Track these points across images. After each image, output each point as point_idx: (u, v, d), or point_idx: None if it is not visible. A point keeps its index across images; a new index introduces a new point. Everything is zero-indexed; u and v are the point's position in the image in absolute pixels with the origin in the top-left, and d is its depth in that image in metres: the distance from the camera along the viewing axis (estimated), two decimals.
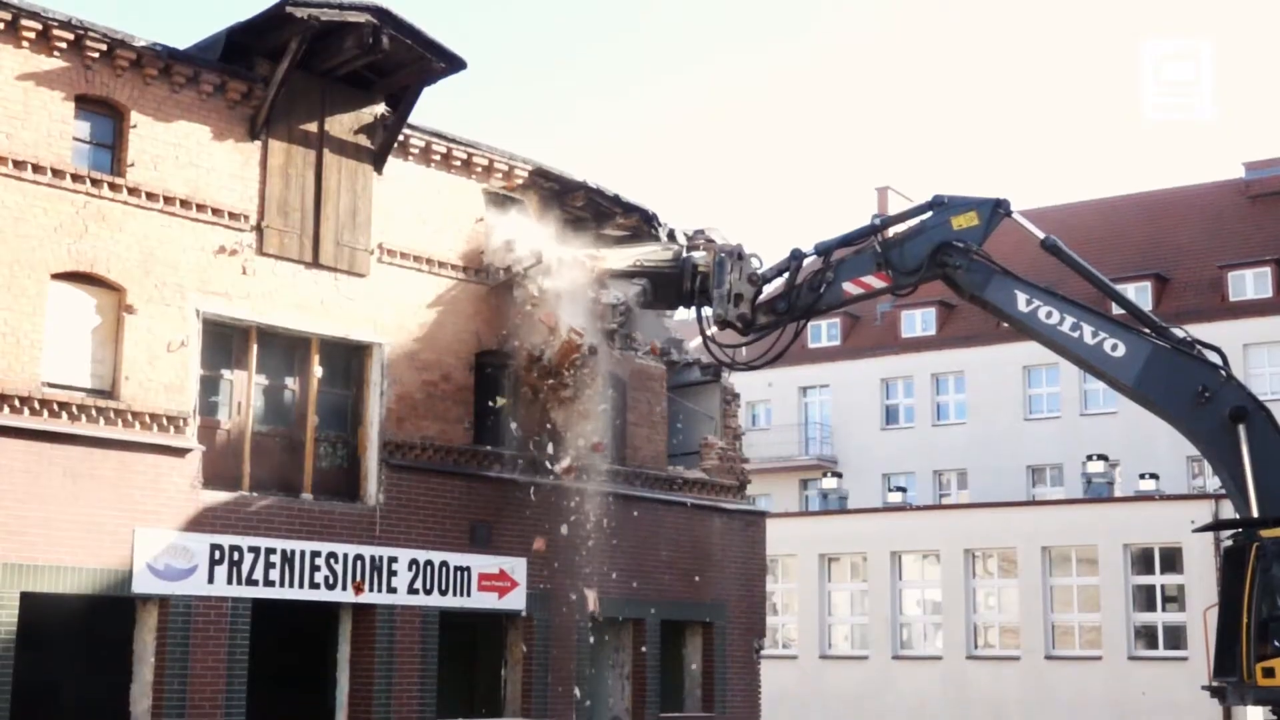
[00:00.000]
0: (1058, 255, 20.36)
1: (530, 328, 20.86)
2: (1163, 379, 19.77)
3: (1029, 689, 35.49)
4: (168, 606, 17.39)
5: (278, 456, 19.25)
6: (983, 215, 20.19)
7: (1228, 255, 47.01)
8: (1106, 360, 19.93)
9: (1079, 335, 19.94)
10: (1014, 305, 20.13)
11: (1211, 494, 35.62)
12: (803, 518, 42.57)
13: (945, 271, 20.11)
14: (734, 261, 20.16)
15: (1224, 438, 19.64)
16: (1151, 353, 19.75)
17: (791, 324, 20.63)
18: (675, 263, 20.78)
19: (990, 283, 20.19)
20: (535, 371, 20.92)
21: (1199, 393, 19.57)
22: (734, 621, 24.35)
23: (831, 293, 20.39)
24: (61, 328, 17.03)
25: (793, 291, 20.44)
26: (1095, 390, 47.17)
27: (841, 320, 52.54)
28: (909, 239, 20.29)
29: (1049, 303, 20.05)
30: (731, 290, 20.07)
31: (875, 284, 20.48)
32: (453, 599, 20.22)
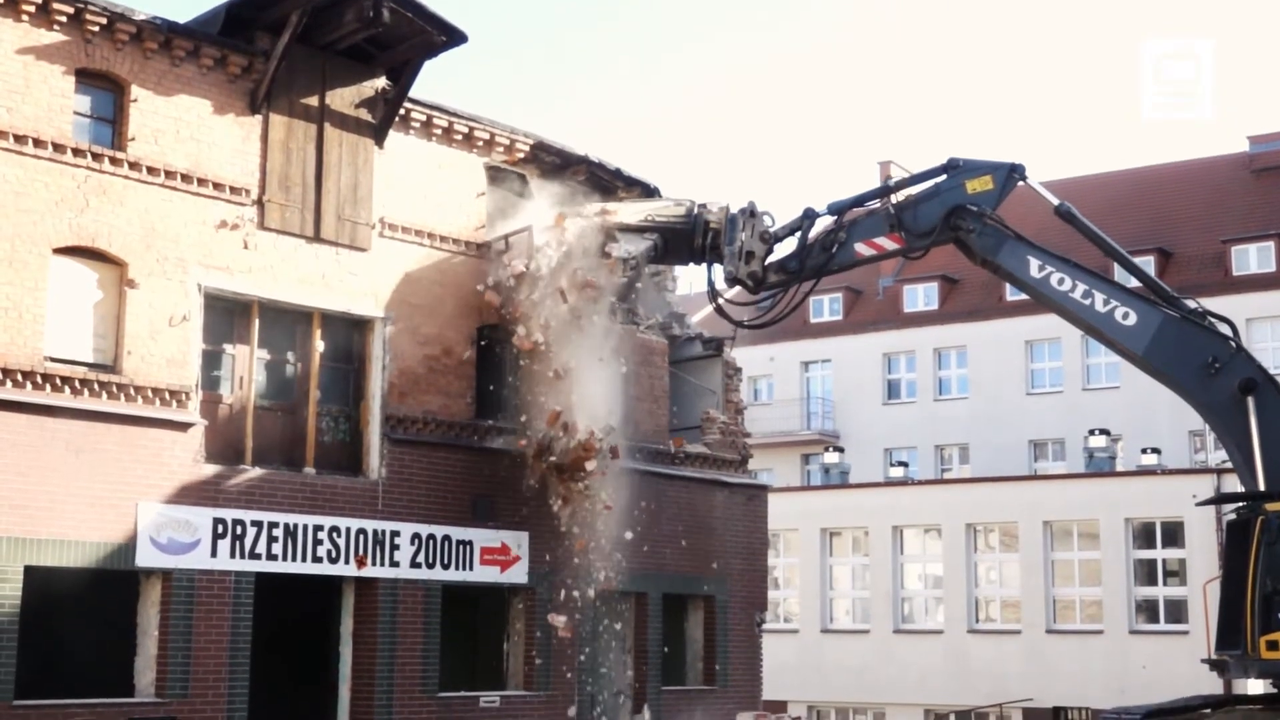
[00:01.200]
0: (1071, 222, 20.32)
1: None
2: (1173, 349, 19.74)
3: (1030, 663, 35.55)
4: (171, 580, 17.44)
5: (280, 431, 19.28)
6: (997, 180, 20.15)
7: (1231, 229, 46.92)
8: (1117, 328, 19.90)
9: (1090, 303, 19.92)
10: (1026, 271, 20.10)
11: (1213, 468, 35.64)
12: (804, 492, 42.57)
13: (958, 235, 20.08)
14: (746, 219, 20.12)
15: (1232, 409, 19.62)
16: (1162, 322, 19.72)
17: (801, 283, 20.54)
18: (687, 218, 20.68)
19: (1003, 247, 20.16)
20: (545, 463, 20.56)
21: (1208, 363, 19.55)
22: (735, 595, 24.40)
23: (843, 253, 20.36)
24: (63, 302, 17.04)
25: (804, 251, 20.39)
26: (1097, 365, 47.18)
27: (843, 295, 52.52)
28: (922, 201, 20.23)
29: (1061, 269, 20.01)
30: (743, 248, 20.03)
31: (887, 245, 20.45)
32: (455, 573, 20.28)
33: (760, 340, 50.78)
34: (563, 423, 20.21)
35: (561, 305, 20.14)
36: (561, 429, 20.21)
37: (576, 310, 20.20)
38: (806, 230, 20.36)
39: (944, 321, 50.26)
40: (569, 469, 20.33)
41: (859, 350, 51.49)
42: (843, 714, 38.47)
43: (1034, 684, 35.17)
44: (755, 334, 50.67)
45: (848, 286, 52.20)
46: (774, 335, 52.25)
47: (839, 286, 51.49)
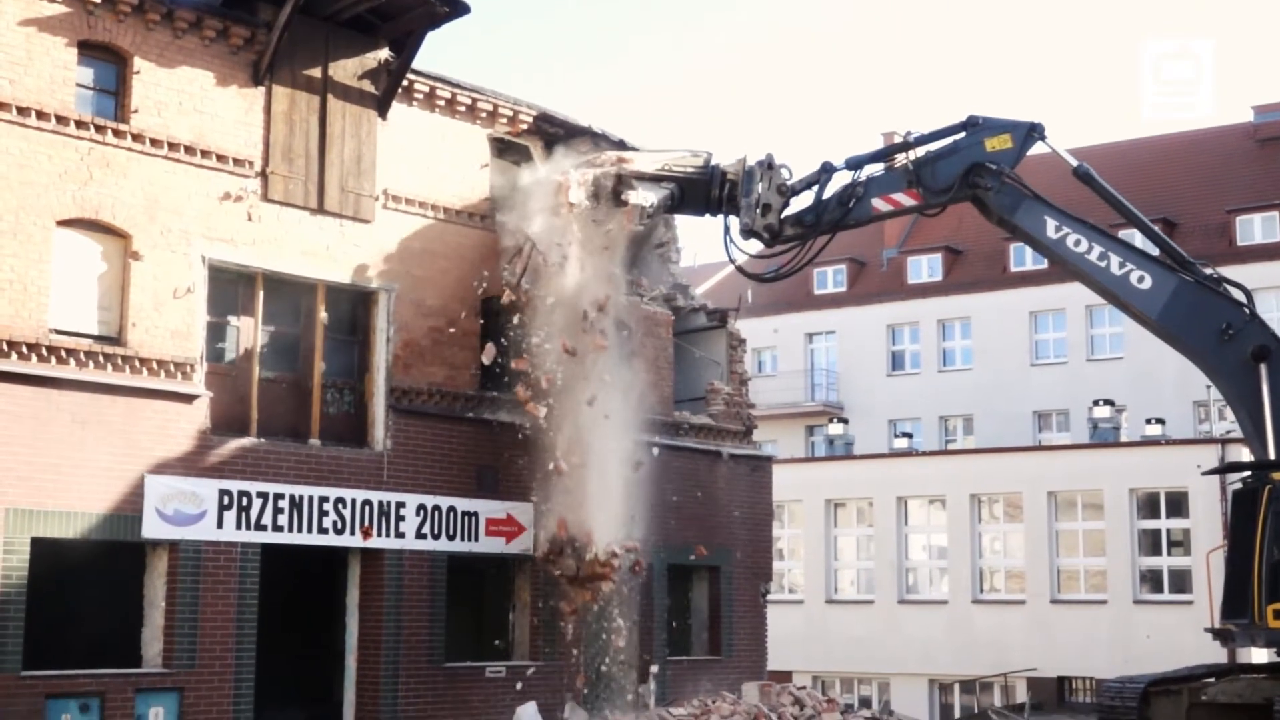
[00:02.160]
0: (1089, 184, 20.27)
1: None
2: (1187, 314, 19.72)
3: (1034, 633, 35.66)
4: (177, 551, 17.49)
5: (285, 402, 19.30)
6: (1016, 138, 20.09)
7: (1236, 199, 46.81)
8: (1132, 292, 19.87)
9: (1106, 265, 19.89)
10: (1043, 231, 20.06)
11: (1218, 438, 35.67)
12: (809, 463, 42.61)
13: (976, 193, 20.03)
14: (763, 171, 20.04)
15: (1245, 376, 19.61)
16: (1177, 286, 19.68)
17: (817, 238, 20.49)
18: (704, 169, 20.56)
19: (1020, 207, 20.12)
20: (559, 569, 20.39)
21: (1222, 330, 19.53)
22: (740, 566, 24.46)
23: (860, 208, 20.30)
24: (68, 274, 17.04)
25: (821, 205, 20.32)
26: (1101, 336, 47.14)
27: (847, 266, 52.45)
28: (941, 158, 20.16)
29: (1078, 230, 19.98)
30: (759, 200, 19.95)
31: (905, 202, 20.39)
32: (460, 543, 20.33)
33: (764, 312, 50.86)
34: (571, 537, 19.98)
35: (568, 353, 20.06)
36: (571, 544, 20.01)
37: (582, 360, 20.01)
38: (824, 184, 20.28)
39: (948, 292, 50.21)
40: (583, 581, 20.16)
41: (863, 321, 51.46)
42: (847, 684, 38.59)
43: (1038, 654, 35.28)
44: (759, 306, 50.85)
45: (852, 258, 52.14)
46: (778, 307, 52.34)
47: (843, 258, 51.43)
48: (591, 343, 20.25)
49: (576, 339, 20.21)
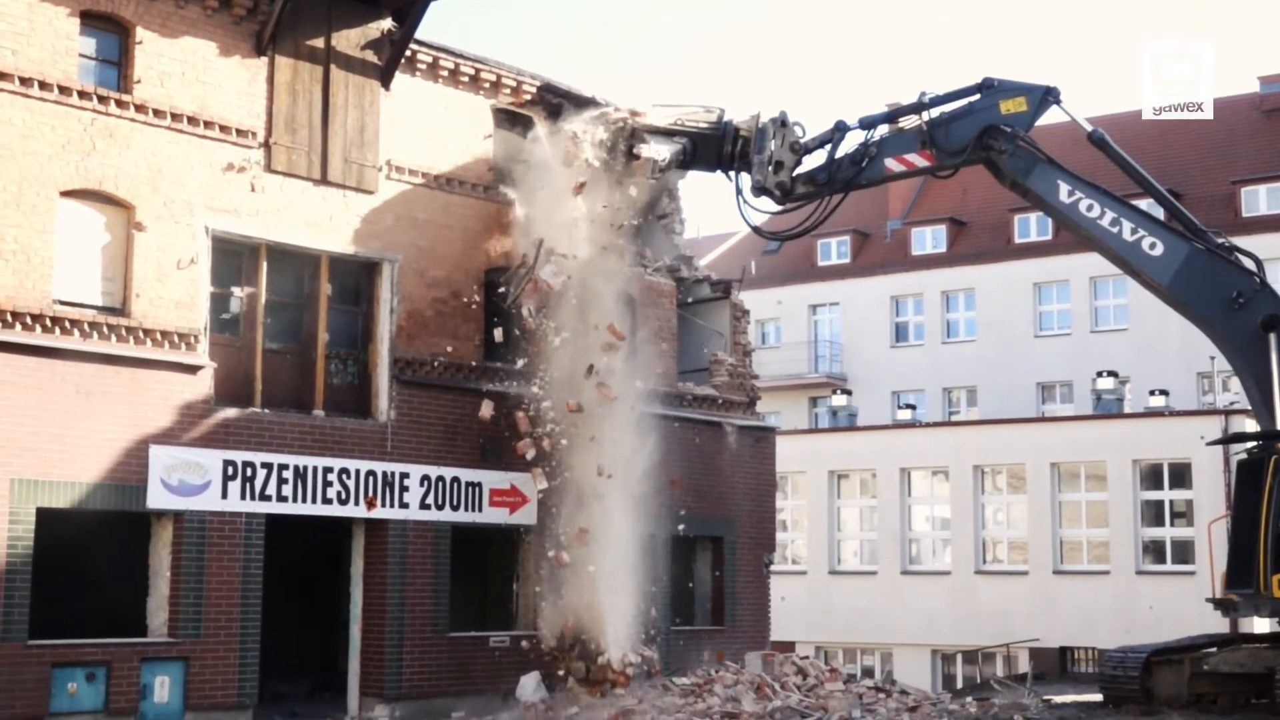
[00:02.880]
0: (1103, 149, 20.22)
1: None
2: (1197, 281, 19.68)
3: (1036, 603, 35.74)
4: (182, 521, 17.55)
5: (289, 373, 19.33)
6: (1031, 101, 20.03)
7: (1241, 170, 46.69)
8: (1143, 258, 19.83)
9: (1118, 231, 19.85)
10: (1056, 195, 20.02)
11: (1222, 410, 35.67)
12: (812, 434, 42.65)
13: (989, 155, 19.97)
14: (776, 128, 19.98)
15: (1254, 345, 19.59)
16: (1189, 254, 19.65)
17: (829, 197, 20.43)
18: (717, 125, 20.47)
19: (1034, 170, 20.06)
20: (567, 670, 20.06)
21: (1233, 298, 19.50)
22: (744, 536, 24.51)
23: (873, 168, 20.25)
24: (71, 245, 17.05)
25: (834, 164, 20.27)
26: (1105, 307, 47.10)
27: (851, 237, 52.38)
28: (955, 119, 20.09)
29: (1091, 195, 19.93)
30: (772, 157, 19.89)
31: (918, 162, 20.34)
32: (464, 514, 20.38)
33: (768, 284, 50.81)
34: (578, 637, 19.82)
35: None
36: (579, 643, 19.81)
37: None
38: (837, 143, 20.22)
39: (952, 264, 50.14)
40: (594, 683, 19.93)
41: (867, 293, 51.41)
42: (850, 655, 38.70)
43: (1040, 624, 35.37)
44: (763, 277, 50.79)
45: (855, 229, 52.06)
46: (782, 278, 52.30)
47: (847, 229, 51.35)
48: (601, 394, 20.01)
49: (581, 390, 19.99)
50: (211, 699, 17.51)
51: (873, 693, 23.04)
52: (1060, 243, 47.67)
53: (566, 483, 20.26)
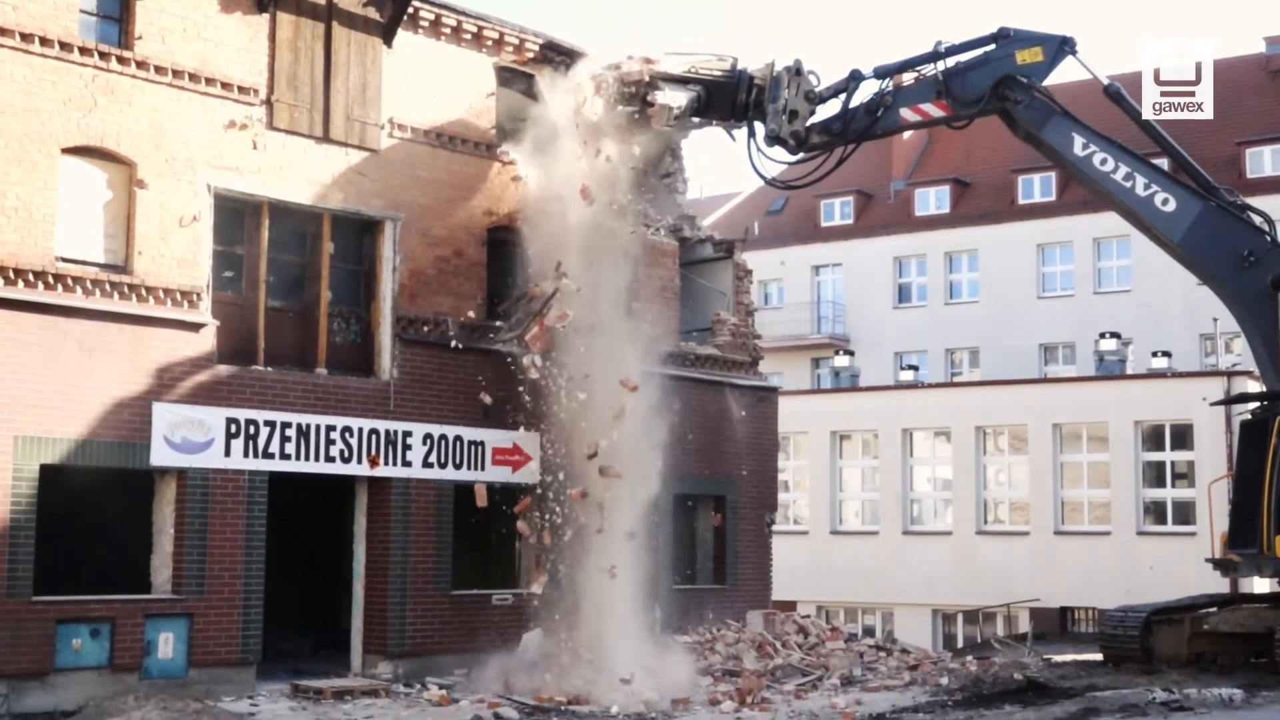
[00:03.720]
0: (1119, 103, 20.19)
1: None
2: (1209, 239, 19.69)
3: (1037, 563, 35.85)
4: (185, 479, 17.58)
5: (291, 332, 19.33)
6: (1048, 51, 19.98)
7: (1246, 132, 46.51)
8: (1155, 214, 19.82)
9: (1131, 185, 19.83)
10: (1070, 148, 19.98)
11: (1224, 371, 35.69)
12: (814, 395, 42.67)
13: (1005, 105, 19.92)
14: (791, 77, 19.85)
15: (1262, 304, 19.62)
16: (1202, 210, 19.64)
17: (844, 147, 20.36)
18: (731, 73, 20.24)
19: (1049, 122, 20.02)
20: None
21: (1243, 256, 19.52)
22: (746, 496, 24.56)
23: (888, 118, 20.20)
24: (73, 202, 17.02)
25: (848, 113, 20.18)
26: (1109, 268, 47.05)
27: (854, 198, 52.27)
28: (971, 69, 20.03)
29: (1105, 149, 19.90)
30: (787, 106, 19.76)
31: (933, 112, 20.29)
32: (467, 472, 20.41)
33: (771, 244, 50.77)
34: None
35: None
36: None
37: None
38: (851, 93, 20.13)
39: (955, 225, 50.06)
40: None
41: (870, 254, 51.34)
42: (851, 614, 38.86)
43: (1041, 585, 35.49)
44: (766, 238, 50.72)
45: (858, 190, 51.94)
46: (784, 239, 52.24)
47: (850, 189, 51.23)
48: (607, 475, 19.70)
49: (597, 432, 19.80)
50: (215, 655, 17.59)
51: (873, 651, 23.18)
52: (1064, 204, 47.61)
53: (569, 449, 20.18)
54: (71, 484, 16.99)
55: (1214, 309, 37.31)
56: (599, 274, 20.33)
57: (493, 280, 21.14)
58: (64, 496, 16.97)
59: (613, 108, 19.93)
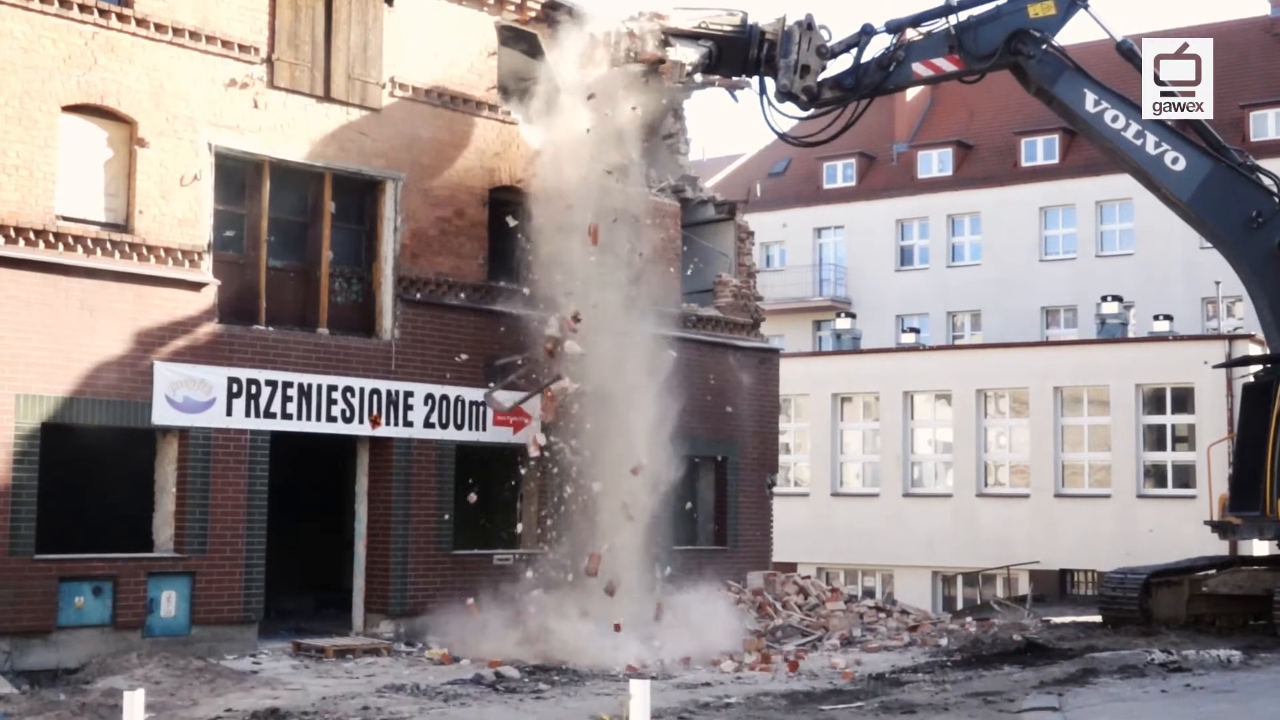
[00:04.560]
0: (1131, 60, 20.11)
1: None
2: (1218, 199, 19.67)
3: (1037, 526, 35.93)
4: (187, 438, 17.60)
5: (293, 291, 19.31)
6: (1060, 5, 19.94)
7: (1250, 95, 46.34)
8: (1165, 172, 19.78)
9: (1141, 143, 19.79)
10: (1081, 104, 19.94)
11: (1226, 335, 35.67)
12: (816, 358, 42.69)
13: (1017, 60, 19.87)
14: (803, 32, 19.78)
15: (1270, 265, 19.60)
16: (1211, 170, 19.60)
17: (856, 102, 20.28)
18: (742, 28, 20.17)
19: (1061, 77, 19.97)
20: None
21: (1251, 217, 19.50)
22: (747, 457, 24.58)
23: (900, 72, 20.15)
24: (74, 161, 16.97)
25: (860, 68, 20.10)
26: (1111, 232, 46.97)
27: (857, 160, 52.13)
28: (984, 23, 19.98)
29: (1117, 106, 19.85)
30: (798, 61, 19.69)
31: (945, 67, 20.22)
32: (468, 433, 20.44)
33: (773, 206, 50.64)
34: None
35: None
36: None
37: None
38: (863, 47, 20.05)
39: (958, 187, 49.93)
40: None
41: (872, 216, 51.25)
42: (852, 576, 38.98)
43: (1041, 547, 35.57)
44: (768, 200, 50.59)
45: (861, 152, 51.78)
46: (786, 201, 52.11)
47: (852, 151, 51.08)
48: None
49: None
50: (217, 613, 17.66)
51: (873, 612, 23.26)
52: (1067, 166, 47.49)
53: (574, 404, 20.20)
54: (74, 443, 17.01)
55: (1216, 272, 37.39)
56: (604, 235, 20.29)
57: (494, 241, 21.09)
58: (66, 455, 17.00)
59: (621, 65, 19.85)
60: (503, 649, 18.15)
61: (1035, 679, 16.03)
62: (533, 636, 18.65)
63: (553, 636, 18.46)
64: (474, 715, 13.76)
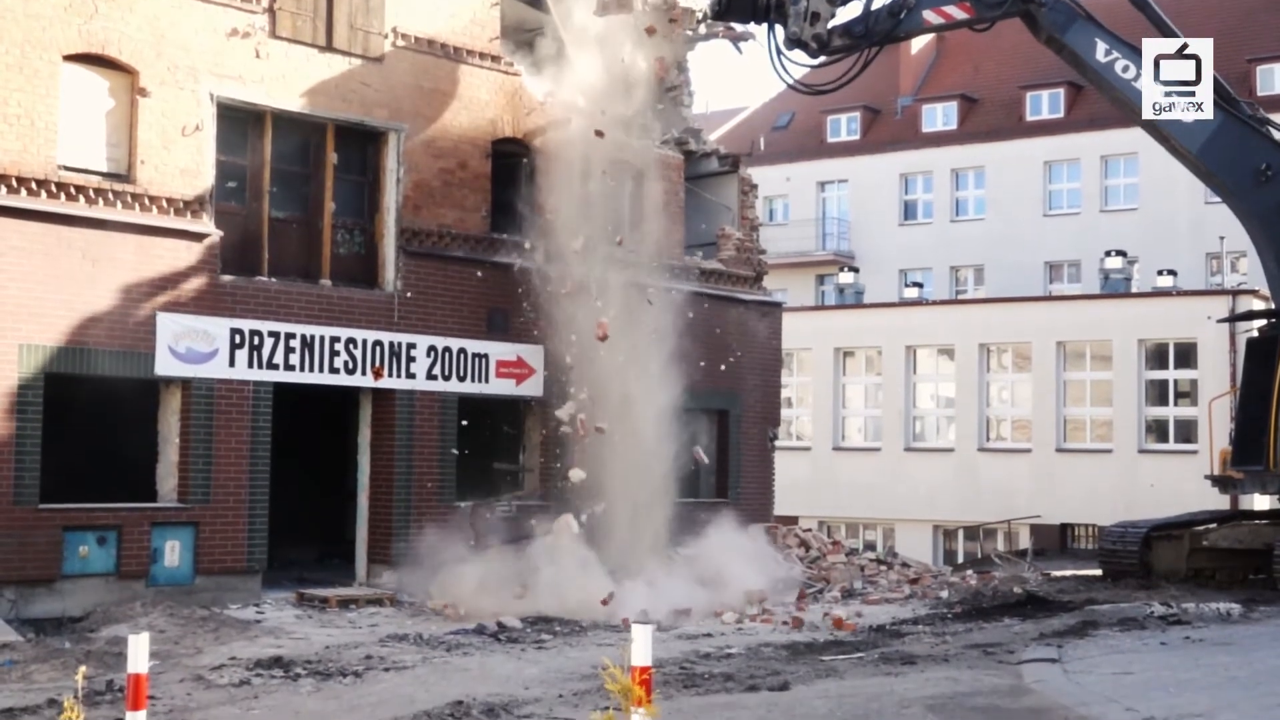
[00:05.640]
0: (1144, 10, 20.00)
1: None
2: (1227, 151, 19.61)
3: (1039, 480, 36.03)
4: (190, 389, 17.62)
5: (295, 243, 19.29)
6: None
7: (1256, 48, 46.08)
8: (1174, 124, 19.69)
9: None
10: (1092, 53, 19.83)
11: (1229, 290, 35.64)
12: (819, 312, 42.67)
13: (1028, 8, 19.74)
14: None
15: (1277, 219, 19.52)
16: (1221, 123, 19.52)
17: (866, 50, 20.19)
18: None
19: (1073, 26, 19.86)
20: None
21: (1260, 170, 19.43)
22: (749, 411, 24.60)
23: (911, 19, 20.02)
24: (75, 110, 16.91)
25: (870, 15, 19.99)
26: (1116, 186, 46.82)
27: (861, 114, 51.90)
28: None
29: (1127, 56, 19.75)
30: (808, 8, 19.58)
31: (956, 15, 20.10)
32: (471, 385, 20.46)
33: (776, 160, 50.45)
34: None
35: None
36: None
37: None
38: None
39: (962, 142, 49.74)
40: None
41: (876, 170, 51.07)
42: (853, 529, 39.11)
43: (1042, 501, 35.68)
44: (771, 154, 50.39)
45: (866, 105, 51.55)
46: (790, 155, 51.93)
47: (857, 105, 50.87)
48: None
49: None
50: (221, 563, 17.74)
51: (874, 565, 23.35)
52: (1072, 120, 47.29)
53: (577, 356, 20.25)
54: (77, 393, 17.04)
55: (1220, 228, 37.33)
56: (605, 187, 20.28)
57: (497, 193, 21.05)
58: (70, 405, 17.03)
59: (629, 13, 19.74)
60: (505, 600, 18.23)
61: (1035, 631, 16.10)
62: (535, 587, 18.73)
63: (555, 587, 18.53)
64: (476, 665, 13.83)
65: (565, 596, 18.17)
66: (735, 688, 12.41)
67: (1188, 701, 11.10)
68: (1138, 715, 10.55)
